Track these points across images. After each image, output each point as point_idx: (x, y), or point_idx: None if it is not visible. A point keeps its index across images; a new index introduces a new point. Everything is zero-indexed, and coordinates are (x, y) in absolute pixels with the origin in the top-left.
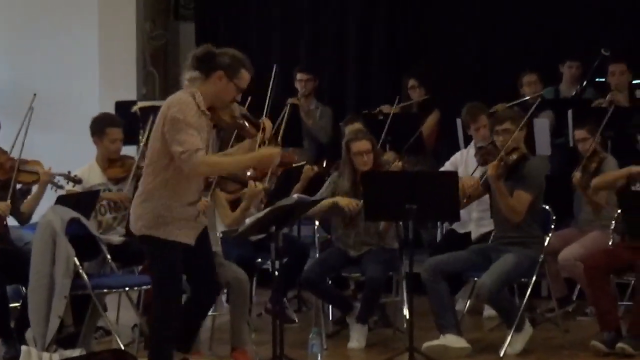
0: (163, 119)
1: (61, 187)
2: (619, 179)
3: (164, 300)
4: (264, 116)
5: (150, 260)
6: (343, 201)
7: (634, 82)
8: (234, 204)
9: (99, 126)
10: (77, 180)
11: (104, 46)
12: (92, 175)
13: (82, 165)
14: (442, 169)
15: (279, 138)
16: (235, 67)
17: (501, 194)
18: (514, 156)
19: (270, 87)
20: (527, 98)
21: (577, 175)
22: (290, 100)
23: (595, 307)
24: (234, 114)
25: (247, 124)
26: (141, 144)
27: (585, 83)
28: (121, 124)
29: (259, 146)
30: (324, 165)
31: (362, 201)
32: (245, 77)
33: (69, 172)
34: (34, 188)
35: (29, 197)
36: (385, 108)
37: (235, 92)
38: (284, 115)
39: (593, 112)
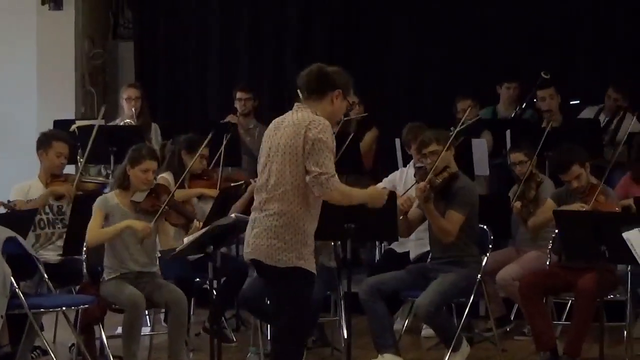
0: (303, 139)
1: None
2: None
3: (298, 340)
4: None
5: (290, 295)
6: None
7: (572, 102)
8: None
9: (47, 138)
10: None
11: (43, 65)
12: (32, 190)
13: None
14: (379, 184)
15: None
16: (348, 84)
17: (431, 216)
18: (442, 177)
19: None
20: (464, 125)
21: (517, 205)
22: (228, 119)
23: (531, 327)
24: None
25: None
26: (80, 163)
27: (525, 105)
28: (69, 141)
29: None
30: None
31: None
32: (351, 94)
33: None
34: None
35: None
36: None
37: (345, 110)
38: (225, 136)
39: (531, 132)
